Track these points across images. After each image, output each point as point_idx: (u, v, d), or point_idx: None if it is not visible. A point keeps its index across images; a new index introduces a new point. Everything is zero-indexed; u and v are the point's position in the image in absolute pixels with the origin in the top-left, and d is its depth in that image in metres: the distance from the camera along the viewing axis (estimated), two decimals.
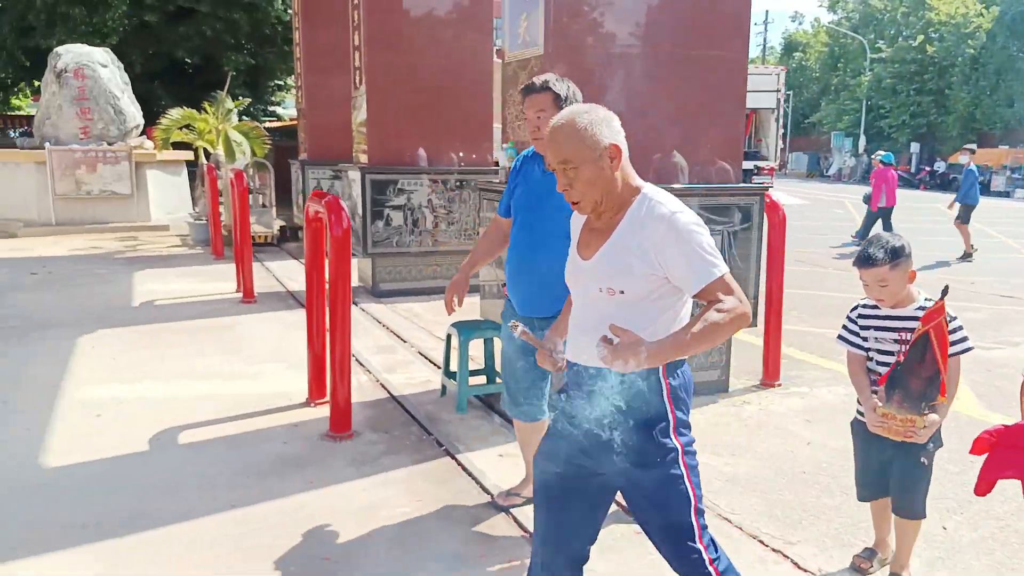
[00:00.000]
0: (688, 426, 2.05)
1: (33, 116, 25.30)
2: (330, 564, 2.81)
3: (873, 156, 13.57)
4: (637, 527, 2.89)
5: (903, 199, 14.11)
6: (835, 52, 45.22)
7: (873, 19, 42.48)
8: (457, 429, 4.13)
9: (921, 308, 2.62)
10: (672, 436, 1.99)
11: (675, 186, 4.47)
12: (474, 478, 3.52)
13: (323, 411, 4.33)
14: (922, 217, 17.91)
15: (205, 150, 12.10)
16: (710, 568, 2.03)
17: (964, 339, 2.59)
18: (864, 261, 2.61)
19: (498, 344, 4.68)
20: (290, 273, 8.85)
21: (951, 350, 2.53)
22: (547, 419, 3.18)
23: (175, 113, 11.28)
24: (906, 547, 2.75)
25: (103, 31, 16.41)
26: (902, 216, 17.17)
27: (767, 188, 4.73)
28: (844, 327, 2.80)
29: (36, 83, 21.77)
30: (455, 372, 4.59)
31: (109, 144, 13.02)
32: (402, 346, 5.85)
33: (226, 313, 6.69)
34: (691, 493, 2.00)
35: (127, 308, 6.89)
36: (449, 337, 4.61)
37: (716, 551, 2.07)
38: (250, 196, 10.99)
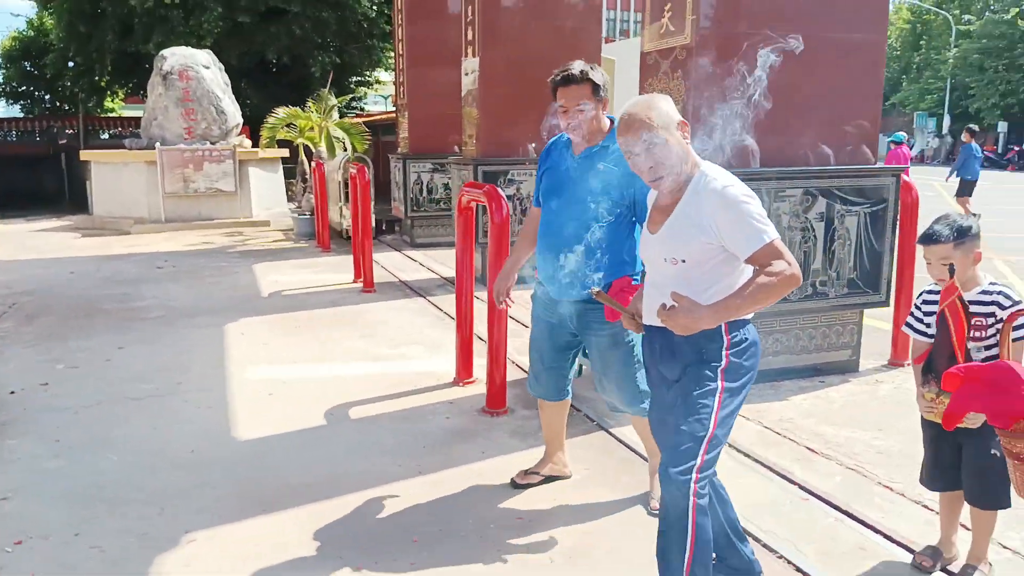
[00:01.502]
0: (740, 377, 2.24)
1: (124, 118, 26.55)
2: (524, 523, 3.05)
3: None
4: None
5: (986, 180, 13.85)
6: (917, 29, 43.78)
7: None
8: (601, 406, 4.27)
9: (985, 292, 2.48)
10: (719, 376, 2.21)
11: (812, 167, 4.57)
12: (634, 450, 3.71)
13: (472, 390, 4.59)
14: (1010, 198, 17.30)
15: (306, 147, 12.57)
16: (690, 495, 2.16)
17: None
18: (927, 238, 2.51)
19: None
20: (397, 264, 9.17)
21: (1014, 335, 2.38)
22: (568, 400, 3.32)
23: (280, 112, 11.77)
24: (981, 538, 2.64)
25: (199, 33, 17.12)
26: (983, 197, 16.62)
27: (904, 168, 4.77)
28: (911, 314, 2.67)
29: (130, 85, 22.85)
30: None
31: (212, 143, 13.63)
32: (526, 331, 6.06)
33: (352, 302, 7.03)
34: (711, 425, 2.18)
35: (259, 298, 7.30)
36: None
37: (705, 487, 2.20)
38: (347, 191, 11.43)
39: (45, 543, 2.94)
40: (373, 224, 11.29)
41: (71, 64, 20.69)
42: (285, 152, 14.33)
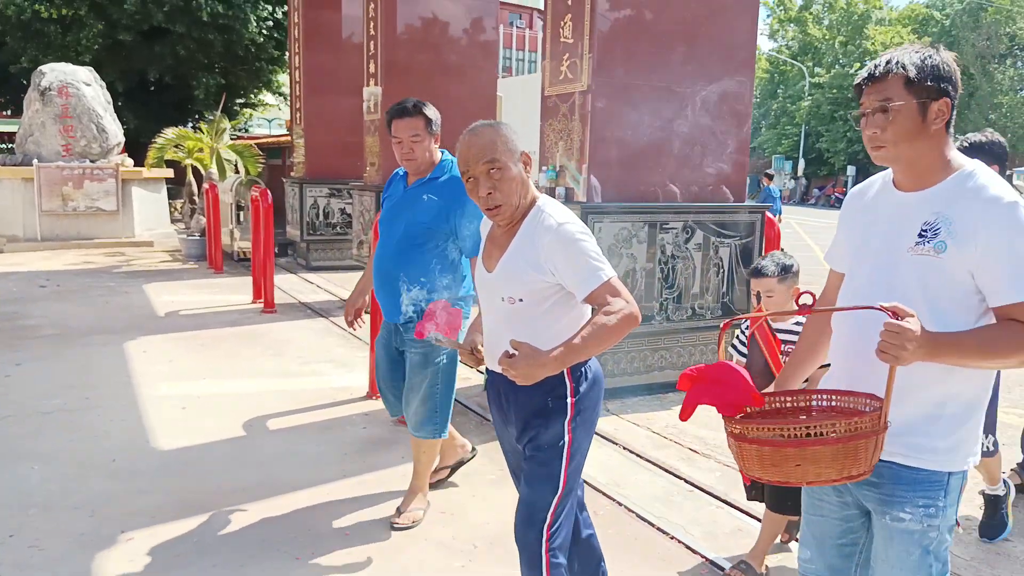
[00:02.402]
0: (587, 421, 2.19)
1: None
2: (447, 517, 3.36)
3: None
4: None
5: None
6: (775, 79, 47.27)
7: (812, 48, 44.57)
8: None
9: (798, 323, 2.77)
10: (566, 431, 2.14)
11: (692, 203, 5.16)
12: None
13: None
14: None
15: (194, 168, 12.42)
16: (543, 552, 2.14)
17: None
18: (756, 272, 2.90)
19: None
20: (294, 286, 9.25)
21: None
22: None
23: (170, 132, 11.60)
24: (765, 539, 2.99)
25: (77, 49, 16.53)
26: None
27: (766, 207, 5.45)
28: (736, 337, 3.05)
29: (1, 100, 21.62)
30: None
31: (92, 161, 13.21)
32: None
33: (254, 322, 7.11)
34: (561, 482, 2.15)
35: (155, 317, 7.26)
36: None
37: (557, 542, 2.16)
38: (240, 213, 11.43)
39: None
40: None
41: None
42: (170, 172, 14.04)
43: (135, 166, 13.75)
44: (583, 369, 2.15)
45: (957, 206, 1.67)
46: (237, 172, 11.73)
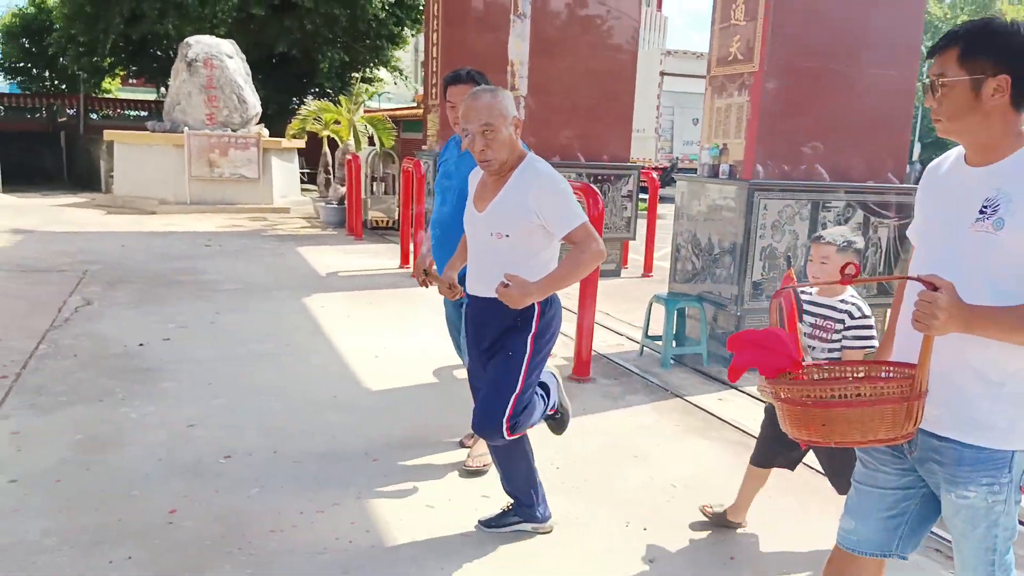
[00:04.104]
0: (546, 335, 2.67)
1: (121, 99, 26.59)
2: (640, 462, 3.72)
3: None
4: None
5: None
6: None
7: (932, 26, 42.57)
8: (671, 379, 5.01)
9: (843, 301, 2.77)
10: (529, 342, 2.64)
11: (854, 183, 5.32)
12: (711, 413, 4.41)
13: (553, 363, 5.23)
14: None
15: (330, 138, 13.10)
16: (504, 422, 2.62)
17: (868, 337, 2.74)
18: (818, 238, 2.91)
19: (691, 312, 5.56)
20: None
21: (854, 344, 2.73)
22: None
23: (312, 104, 12.29)
24: (746, 494, 3.04)
25: (213, 21, 17.47)
26: None
27: None
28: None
29: (132, 68, 23.00)
30: (651, 336, 5.50)
31: (233, 130, 14.10)
32: (607, 317, 6.70)
33: (409, 284, 7.61)
34: (520, 382, 2.64)
35: (319, 277, 7.87)
36: (650, 305, 5.50)
37: (517, 419, 2.66)
38: (373, 184, 12.02)
39: (250, 458, 3.53)
40: (397, 216, 11.92)
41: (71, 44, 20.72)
42: (302, 143, 14.83)
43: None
44: (550, 299, 2.65)
45: (1018, 182, 1.65)
46: (371, 144, 12.32)
